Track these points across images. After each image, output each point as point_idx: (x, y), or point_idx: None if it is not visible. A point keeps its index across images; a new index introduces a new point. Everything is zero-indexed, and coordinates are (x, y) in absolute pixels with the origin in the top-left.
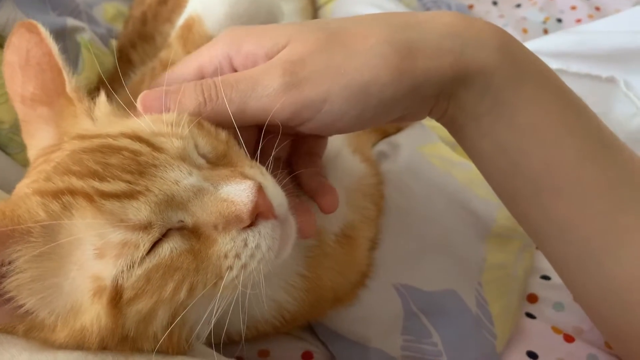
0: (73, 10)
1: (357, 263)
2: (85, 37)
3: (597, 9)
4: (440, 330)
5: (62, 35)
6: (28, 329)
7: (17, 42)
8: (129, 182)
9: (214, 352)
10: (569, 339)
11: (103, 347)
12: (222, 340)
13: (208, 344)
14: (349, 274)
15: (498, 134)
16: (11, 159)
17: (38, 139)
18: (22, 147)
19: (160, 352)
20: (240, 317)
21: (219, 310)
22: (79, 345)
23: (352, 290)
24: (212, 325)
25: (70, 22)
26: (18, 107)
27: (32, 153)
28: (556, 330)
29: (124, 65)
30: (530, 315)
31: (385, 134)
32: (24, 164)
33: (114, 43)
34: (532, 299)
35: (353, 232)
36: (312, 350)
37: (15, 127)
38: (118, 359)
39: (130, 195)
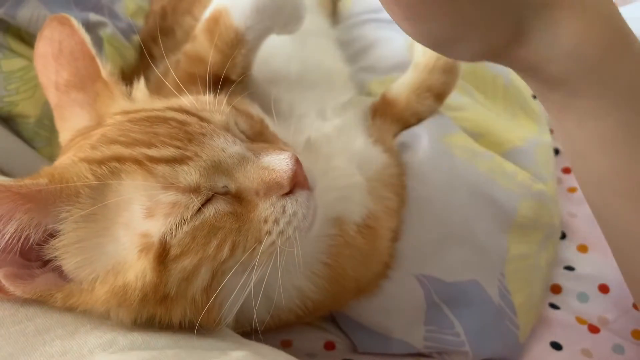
0: (95, 6)
1: (379, 253)
2: (108, 31)
3: None
4: (462, 321)
5: (85, 30)
6: (66, 295)
7: (50, 34)
8: (178, 147)
9: (240, 336)
10: (593, 329)
11: (143, 305)
12: (247, 329)
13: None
14: (371, 264)
15: None
16: (37, 153)
17: (72, 122)
18: (47, 141)
19: (192, 323)
20: (266, 305)
21: (251, 282)
22: (119, 302)
23: (374, 280)
24: (241, 302)
25: (93, 17)
26: (52, 94)
27: (64, 136)
28: (580, 320)
29: (146, 60)
30: (554, 306)
31: (407, 125)
32: (49, 157)
33: (136, 39)
34: (556, 289)
35: (375, 222)
36: (334, 340)
37: (41, 122)
38: (147, 341)
39: (180, 160)
